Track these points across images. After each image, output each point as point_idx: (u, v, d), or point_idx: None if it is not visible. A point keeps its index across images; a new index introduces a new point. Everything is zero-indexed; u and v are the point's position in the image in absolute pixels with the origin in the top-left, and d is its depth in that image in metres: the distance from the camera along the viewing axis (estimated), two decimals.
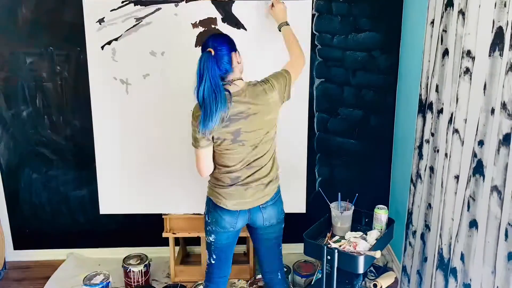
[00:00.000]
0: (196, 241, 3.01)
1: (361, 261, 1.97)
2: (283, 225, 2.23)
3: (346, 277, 2.13)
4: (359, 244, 2.06)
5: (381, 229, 2.20)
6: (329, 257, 2.01)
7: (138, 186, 2.79)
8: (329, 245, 2.09)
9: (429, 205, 2.27)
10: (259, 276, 2.77)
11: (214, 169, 2.09)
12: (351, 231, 2.23)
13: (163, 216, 2.86)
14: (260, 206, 2.10)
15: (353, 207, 2.25)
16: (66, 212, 3.17)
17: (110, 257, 3.19)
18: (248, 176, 2.05)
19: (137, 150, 2.74)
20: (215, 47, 1.92)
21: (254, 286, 2.82)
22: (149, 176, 2.77)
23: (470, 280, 1.84)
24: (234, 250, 2.26)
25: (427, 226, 2.30)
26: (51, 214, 3.17)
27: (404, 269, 2.62)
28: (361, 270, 1.98)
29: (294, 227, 2.49)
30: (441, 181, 2.10)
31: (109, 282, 2.74)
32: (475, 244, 1.80)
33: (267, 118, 2.01)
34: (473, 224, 1.81)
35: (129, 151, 2.74)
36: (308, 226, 2.20)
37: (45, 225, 3.18)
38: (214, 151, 2.04)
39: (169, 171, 2.77)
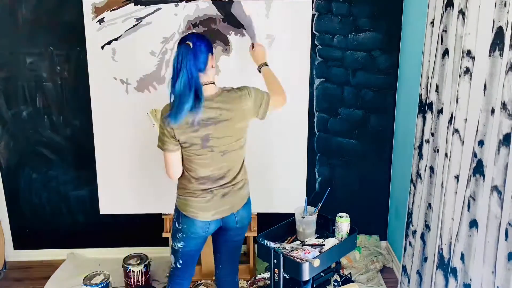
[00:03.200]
0: None
1: (305, 268, 1.89)
2: (246, 229, 2.24)
3: (298, 284, 2.06)
4: (310, 251, 1.99)
5: (341, 238, 2.13)
6: (275, 261, 1.97)
7: (138, 186, 2.78)
8: (283, 249, 2.03)
9: (429, 205, 2.26)
10: (259, 276, 2.77)
11: (184, 174, 2.05)
12: (318, 237, 2.16)
13: (163, 216, 2.86)
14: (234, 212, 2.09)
15: (316, 213, 2.18)
16: (66, 212, 3.17)
17: (110, 257, 3.19)
18: (220, 185, 2.03)
19: (137, 150, 2.73)
20: (194, 42, 1.89)
21: (254, 286, 2.82)
22: (149, 176, 2.77)
23: (470, 280, 1.84)
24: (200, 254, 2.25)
25: (427, 226, 2.30)
26: (51, 214, 3.17)
27: (404, 269, 2.62)
28: (305, 277, 1.92)
29: None
30: (441, 181, 2.10)
31: (109, 282, 2.73)
32: (475, 244, 1.80)
33: (238, 126, 1.98)
34: (473, 224, 1.81)
35: (129, 151, 2.73)
36: None
37: (45, 225, 3.19)
38: (183, 156, 2.01)
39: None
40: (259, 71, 2.31)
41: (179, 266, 2.18)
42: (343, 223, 2.13)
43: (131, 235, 3.20)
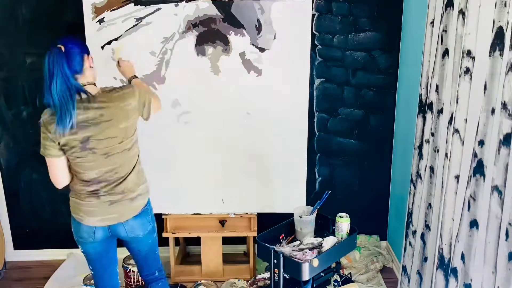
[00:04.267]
0: (196, 241, 3.01)
1: (305, 268, 1.89)
2: (154, 234, 2.19)
3: (298, 284, 2.06)
4: (309, 251, 1.99)
5: (341, 238, 2.13)
6: (275, 261, 1.97)
7: None
8: (283, 249, 2.03)
9: (429, 205, 2.26)
10: (259, 276, 2.77)
11: (72, 179, 2.00)
12: (317, 237, 2.15)
13: (163, 216, 2.86)
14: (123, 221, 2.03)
15: (315, 213, 2.19)
16: (66, 212, 3.15)
17: None
18: (108, 191, 1.97)
19: None
20: (65, 44, 1.85)
21: (254, 286, 2.82)
22: (149, 176, 2.76)
23: (471, 280, 1.83)
24: (114, 260, 2.18)
25: (427, 226, 2.30)
26: (51, 214, 3.17)
27: (404, 269, 2.62)
28: (305, 277, 1.92)
29: None
30: (441, 181, 2.10)
31: None
32: (475, 244, 1.80)
33: (122, 126, 1.91)
34: (474, 224, 1.81)
35: None
36: None
37: (45, 225, 3.18)
38: (68, 160, 1.95)
39: (169, 171, 2.77)
40: (129, 83, 2.26)
41: (92, 272, 2.17)
42: (343, 223, 2.13)
43: None
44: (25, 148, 3.03)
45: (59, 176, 1.97)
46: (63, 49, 1.82)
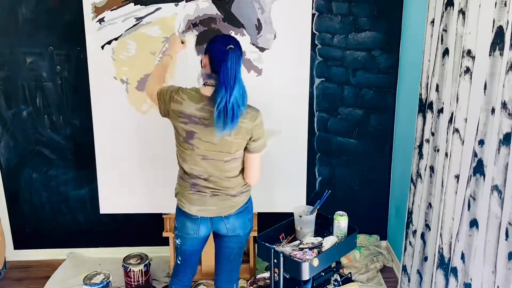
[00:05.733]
0: None
1: (305, 267, 1.89)
2: (248, 237, 2.20)
3: (298, 283, 2.06)
4: (309, 250, 2.00)
5: (342, 236, 2.13)
6: (275, 261, 1.97)
7: (138, 186, 2.78)
8: (283, 248, 2.03)
9: (430, 204, 2.26)
10: (259, 276, 2.77)
11: (179, 169, 2.07)
12: (317, 236, 2.16)
13: (163, 216, 2.86)
14: (223, 216, 2.06)
15: (314, 212, 2.19)
16: (66, 212, 3.17)
17: (110, 256, 3.19)
18: (206, 186, 2.00)
19: (137, 150, 2.73)
20: (236, 44, 1.90)
21: (254, 285, 2.82)
22: (149, 176, 2.77)
23: (471, 279, 1.84)
24: (201, 254, 2.25)
25: (427, 226, 2.30)
26: (51, 214, 3.17)
27: (404, 268, 2.62)
28: (305, 276, 1.92)
29: None
30: (441, 181, 2.10)
31: (109, 281, 2.73)
32: (475, 244, 1.80)
33: (226, 138, 1.90)
34: (474, 223, 1.81)
35: (129, 150, 2.73)
36: None
37: (45, 225, 3.19)
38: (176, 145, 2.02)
39: (169, 171, 2.76)
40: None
41: (179, 262, 2.21)
42: (341, 221, 2.13)
43: (131, 234, 3.20)
44: (25, 148, 3.03)
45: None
46: (239, 53, 1.88)
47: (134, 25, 2.60)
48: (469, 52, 1.81)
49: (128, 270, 2.84)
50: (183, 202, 2.05)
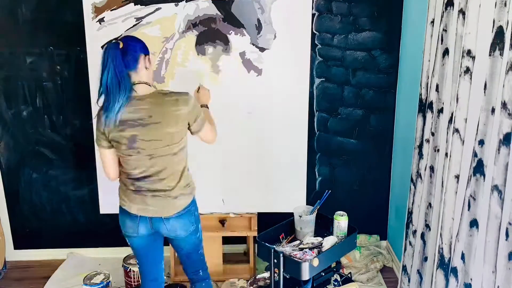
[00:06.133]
0: None
1: (305, 267, 1.89)
2: (198, 234, 2.19)
3: (298, 283, 2.06)
4: (309, 250, 1.99)
5: (342, 236, 2.13)
6: (275, 261, 1.96)
7: None
8: (283, 248, 2.03)
9: (430, 204, 2.26)
10: (259, 276, 2.77)
11: (120, 172, 2.05)
12: (317, 237, 2.15)
13: None
14: (163, 217, 2.04)
15: (315, 212, 2.18)
16: (66, 212, 3.17)
17: (110, 256, 3.19)
18: (151, 189, 1.99)
19: None
20: (125, 41, 1.90)
21: (254, 285, 2.82)
22: None
23: (471, 279, 1.84)
24: (160, 255, 2.23)
25: (427, 226, 2.30)
26: (51, 214, 3.17)
27: (404, 268, 2.62)
28: (305, 276, 1.91)
29: None
30: (441, 181, 2.10)
31: (109, 281, 2.73)
32: (475, 244, 1.80)
33: (169, 130, 1.92)
34: (474, 223, 1.81)
35: None
36: None
37: (45, 225, 3.19)
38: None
39: None
40: None
41: (138, 266, 2.25)
42: (341, 221, 2.13)
43: None
44: (25, 148, 3.03)
45: (109, 168, 2.03)
46: (121, 45, 1.88)
47: (134, 25, 2.60)
48: (469, 52, 1.81)
49: (128, 270, 2.84)
50: (124, 200, 2.06)
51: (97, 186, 2.80)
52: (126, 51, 1.88)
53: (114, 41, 1.92)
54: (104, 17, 2.59)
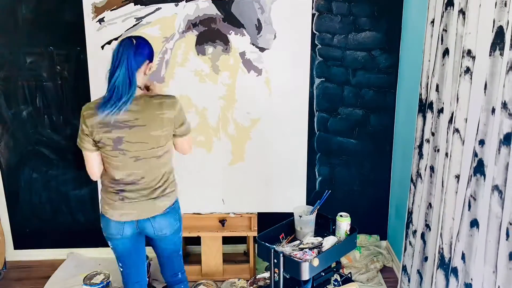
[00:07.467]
0: (196, 241, 3.01)
1: (305, 267, 1.89)
2: (180, 233, 2.20)
3: (298, 283, 2.05)
4: (309, 250, 1.99)
5: (342, 237, 2.13)
6: (275, 261, 1.96)
7: None
8: (283, 248, 2.03)
9: (430, 204, 2.26)
10: (259, 276, 2.77)
11: (103, 174, 2.04)
12: (317, 237, 2.14)
13: None
14: (149, 217, 2.04)
15: (315, 212, 2.18)
16: (66, 212, 3.17)
17: (110, 256, 3.15)
18: (132, 190, 1.99)
19: None
20: (139, 42, 1.90)
21: (254, 285, 2.82)
22: None
23: (471, 279, 1.84)
24: (143, 257, 2.23)
25: (427, 226, 2.30)
26: (51, 214, 3.17)
27: (404, 268, 2.62)
28: (305, 276, 1.91)
29: None
30: (441, 181, 2.10)
31: (109, 281, 2.73)
32: (476, 244, 1.80)
33: (155, 133, 1.92)
34: (474, 223, 1.81)
35: None
36: None
37: (45, 225, 3.18)
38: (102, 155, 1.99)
39: None
40: None
41: (121, 269, 2.22)
42: (343, 222, 2.13)
43: None
44: (25, 148, 3.03)
45: (93, 169, 2.00)
46: (134, 42, 1.88)
47: (134, 25, 2.60)
48: (469, 52, 1.81)
49: None
50: (106, 208, 2.04)
51: (97, 186, 2.80)
52: (139, 49, 1.89)
53: (129, 38, 1.91)
54: (104, 17, 2.59)
